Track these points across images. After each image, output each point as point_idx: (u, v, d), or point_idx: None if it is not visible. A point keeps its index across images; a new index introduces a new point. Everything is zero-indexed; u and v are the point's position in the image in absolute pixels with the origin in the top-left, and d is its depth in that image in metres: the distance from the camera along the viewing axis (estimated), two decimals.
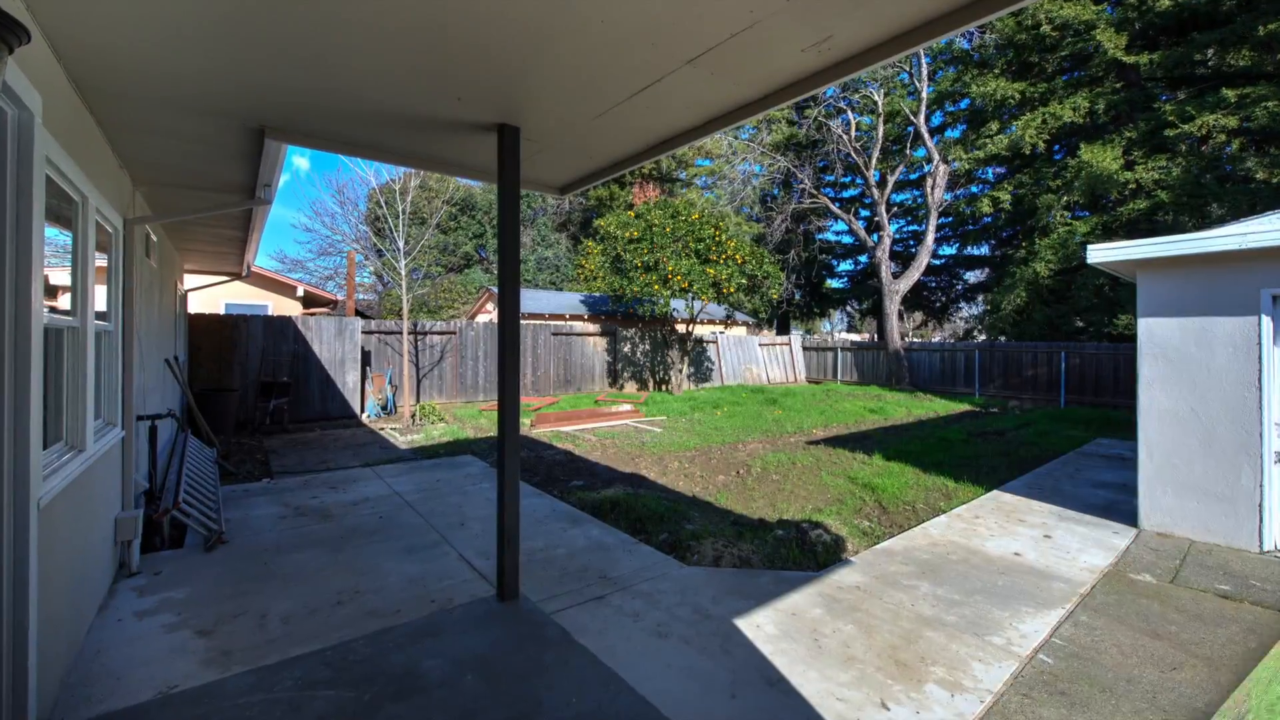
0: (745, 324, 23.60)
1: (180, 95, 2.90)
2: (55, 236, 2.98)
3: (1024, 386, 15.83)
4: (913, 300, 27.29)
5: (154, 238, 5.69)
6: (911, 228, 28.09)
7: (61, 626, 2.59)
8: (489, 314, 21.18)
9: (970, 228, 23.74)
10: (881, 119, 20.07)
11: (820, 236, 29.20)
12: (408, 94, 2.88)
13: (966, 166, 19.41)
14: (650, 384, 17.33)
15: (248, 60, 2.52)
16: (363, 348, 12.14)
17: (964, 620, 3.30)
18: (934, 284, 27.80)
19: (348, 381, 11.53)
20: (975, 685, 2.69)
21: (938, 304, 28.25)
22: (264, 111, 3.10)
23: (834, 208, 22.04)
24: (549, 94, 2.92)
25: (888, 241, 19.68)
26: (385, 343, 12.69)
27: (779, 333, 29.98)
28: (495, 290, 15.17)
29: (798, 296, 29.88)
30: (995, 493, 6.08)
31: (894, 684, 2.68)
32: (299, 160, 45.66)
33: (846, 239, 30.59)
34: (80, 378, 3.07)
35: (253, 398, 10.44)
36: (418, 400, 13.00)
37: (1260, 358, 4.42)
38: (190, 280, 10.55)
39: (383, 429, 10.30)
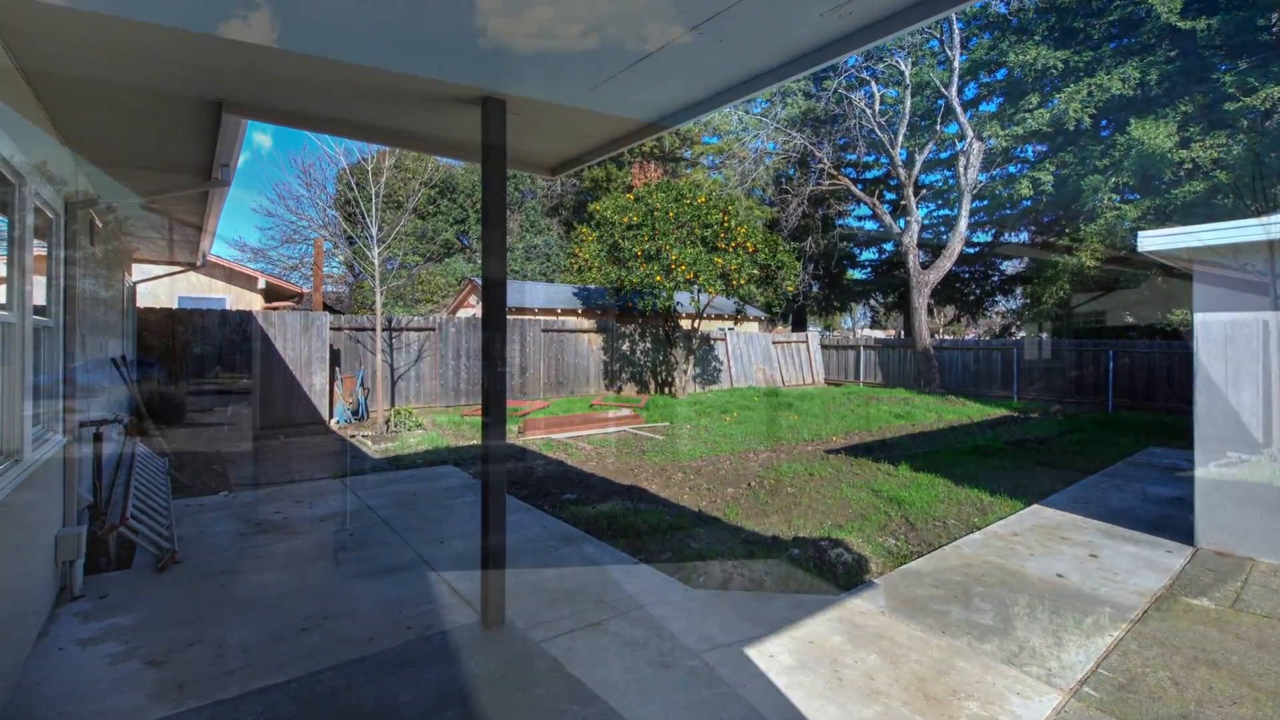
0: (757, 319, 23.62)
1: (128, 64, 2.90)
2: None
3: (1067, 389, 15.84)
4: (943, 293, 27.31)
5: (99, 224, 5.69)
6: (942, 212, 28.11)
7: None
8: (472, 308, 21.20)
9: (1008, 212, 23.74)
10: (909, 91, 20.08)
11: (840, 222, 29.26)
12: (382, 63, 2.87)
13: (1003, 144, 19.42)
14: (651, 386, 17.34)
15: (202, 23, 2.51)
16: (331, 346, 12.14)
17: (1000, 649, 3.31)
18: (967, 275, 27.84)
19: (314, 384, 11.53)
20: None
21: (971, 297, 28.29)
22: (222, 82, 3.10)
23: (856, 190, 22.05)
24: (538, 63, 2.91)
25: (915, 228, 19.69)
26: (357, 340, 12.69)
27: (794, 329, 30.02)
28: (479, 282, 15.19)
29: (815, 289, 29.91)
30: (1036, 507, 6.09)
31: None
32: (260, 137, 45.58)
33: (870, 225, 30.63)
34: (16, 379, 3.07)
35: (209, 401, 10.43)
36: (393, 404, 13.00)
37: None
38: (140, 271, 10.54)
39: (354, 436, 10.31)
